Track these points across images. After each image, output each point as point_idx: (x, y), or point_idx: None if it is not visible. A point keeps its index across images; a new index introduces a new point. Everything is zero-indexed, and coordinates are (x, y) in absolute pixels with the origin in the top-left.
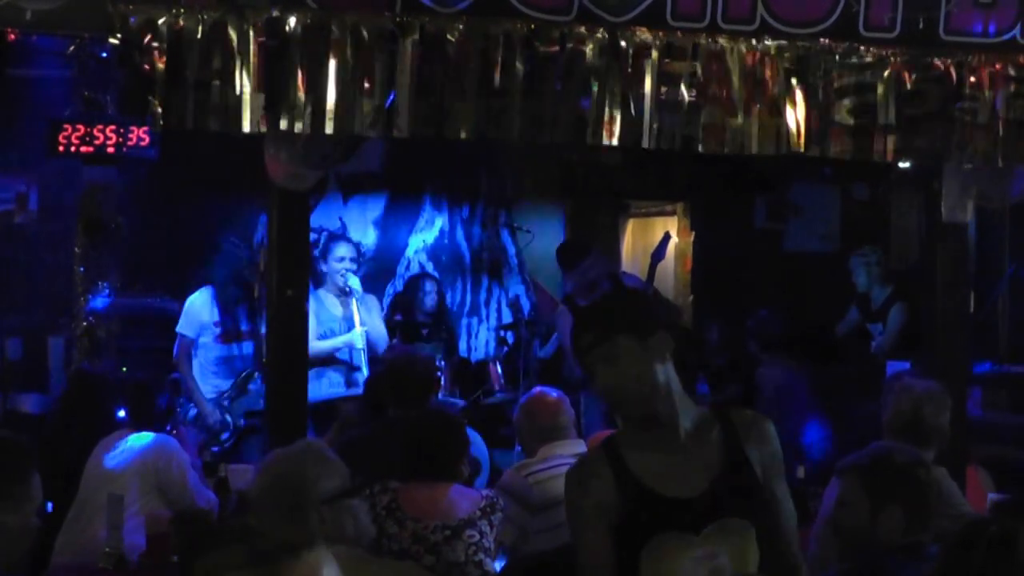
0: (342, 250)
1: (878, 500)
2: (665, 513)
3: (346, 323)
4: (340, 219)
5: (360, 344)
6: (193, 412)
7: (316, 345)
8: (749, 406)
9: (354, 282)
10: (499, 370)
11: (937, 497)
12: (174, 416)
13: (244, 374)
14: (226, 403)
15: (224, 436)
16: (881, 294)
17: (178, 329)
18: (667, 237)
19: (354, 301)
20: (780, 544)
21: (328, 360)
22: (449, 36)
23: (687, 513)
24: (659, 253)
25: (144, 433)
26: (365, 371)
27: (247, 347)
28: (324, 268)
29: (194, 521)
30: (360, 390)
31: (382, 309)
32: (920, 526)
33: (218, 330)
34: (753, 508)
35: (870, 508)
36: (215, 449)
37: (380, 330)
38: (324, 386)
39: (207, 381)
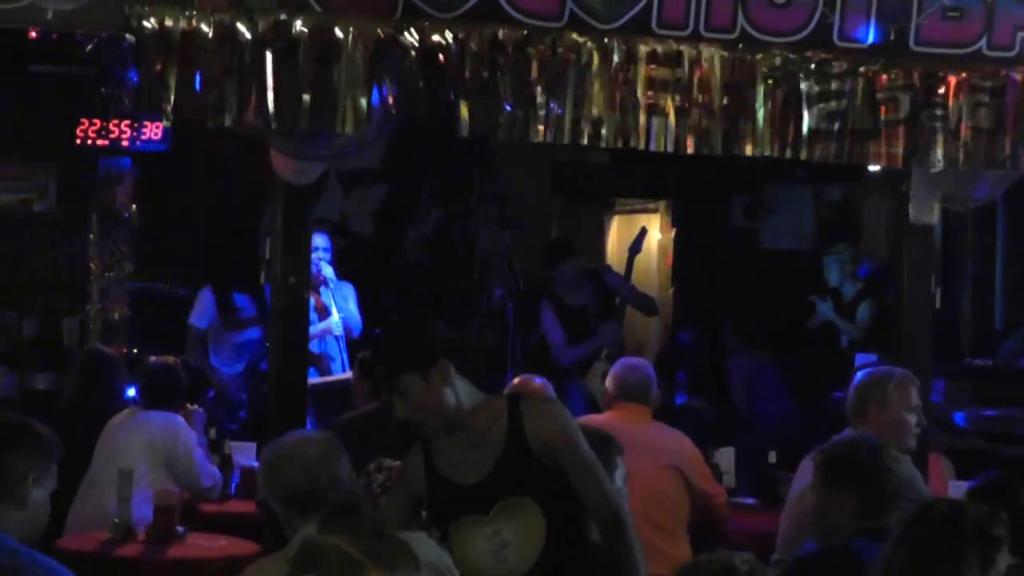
0: (316, 240)
1: (833, 487)
2: (459, 498)
3: (322, 312)
4: (341, 212)
5: (338, 331)
6: (212, 393)
7: None
8: (723, 395)
9: (327, 271)
10: None
11: (900, 483)
12: (184, 394)
13: (256, 357)
14: (241, 383)
15: (241, 414)
16: (851, 290)
17: (190, 320)
18: (643, 232)
19: (329, 290)
20: (592, 501)
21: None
22: (447, 40)
23: (476, 496)
24: (636, 247)
25: (153, 412)
26: (342, 356)
27: (254, 333)
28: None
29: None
30: (333, 376)
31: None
32: (875, 513)
33: (224, 319)
34: (534, 484)
35: (827, 494)
36: (234, 426)
37: (354, 316)
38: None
39: (225, 365)
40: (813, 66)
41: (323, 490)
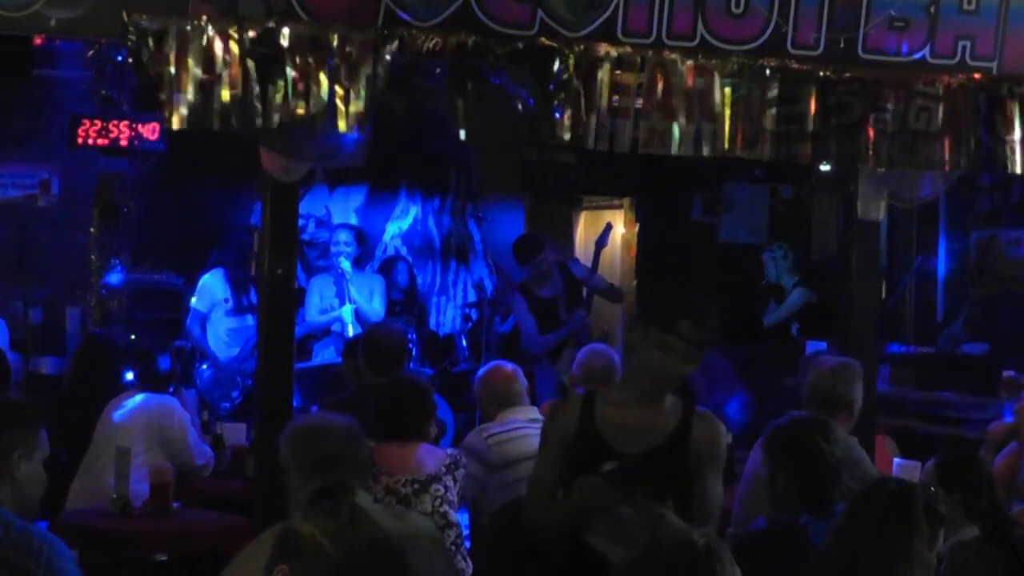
0: (342, 236)
1: (775, 465)
2: (604, 459)
3: (340, 301)
4: (326, 207)
5: (348, 319)
6: (208, 373)
7: (316, 318)
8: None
9: (345, 265)
10: (464, 343)
11: (847, 462)
12: (178, 378)
13: (251, 342)
14: (236, 366)
15: (235, 394)
16: (790, 283)
17: (192, 304)
18: (609, 227)
19: (346, 282)
20: (701, 506)
21: (326, 331)
22: (424, 47)
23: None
24: (602, 241)
25: (150, 393)
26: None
27: (252, 319)
28: (322, 262)
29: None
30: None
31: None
32: (815, 489)
33: (228, 305)
34: (672, 483)
35: (771, 472)
36: (227, 405)
37: (374, 308)
38: (323, 354)
39: (220, 349)
40: (768, 72)
41: (342, 459)
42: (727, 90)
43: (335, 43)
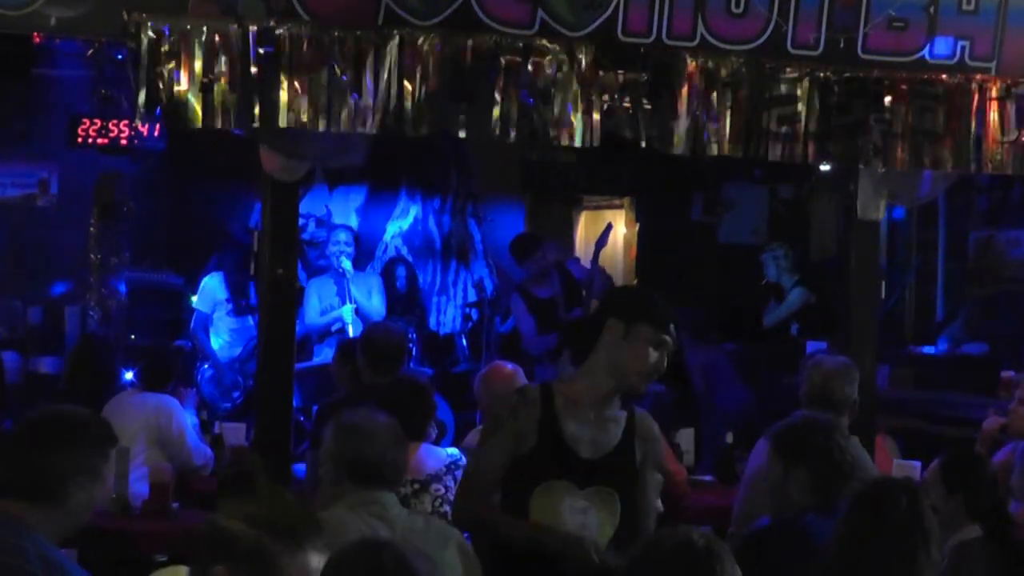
0: (341, 236)
1: (788, 464)
2: (565, 463)
3: (340, 301)
4: (326, 207)
5: (349, 319)
6: (209, 373)
7: (316, 319)
8: (685, 386)
9: (346, 264)
10: (464, 343)
11: (851, 461)
12: (178, 378)
13: (253, 342)
14: (237, 367)
15: (235, 394)
16: (789, 283)
17: (195, 305)
18: (609, 227)
19: (346, 281)
20: (638, 516)
21: (327, 332)
22: (424, 46)
23: (581, 470)
24: (602, 241)
25: (149, 393)
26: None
27: (254, 319)
28: (323, 262)
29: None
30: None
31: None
32: (828, 488)
33: (230, 306)
34: (625, 484)
35: (783, 470)
36: (227, 405)
37: (374, 307)
38: (323, 352)
39: (222, 349)
40: (768, 72)
41: (383, 467)
42: (727, 90)
43: (335, 43)
